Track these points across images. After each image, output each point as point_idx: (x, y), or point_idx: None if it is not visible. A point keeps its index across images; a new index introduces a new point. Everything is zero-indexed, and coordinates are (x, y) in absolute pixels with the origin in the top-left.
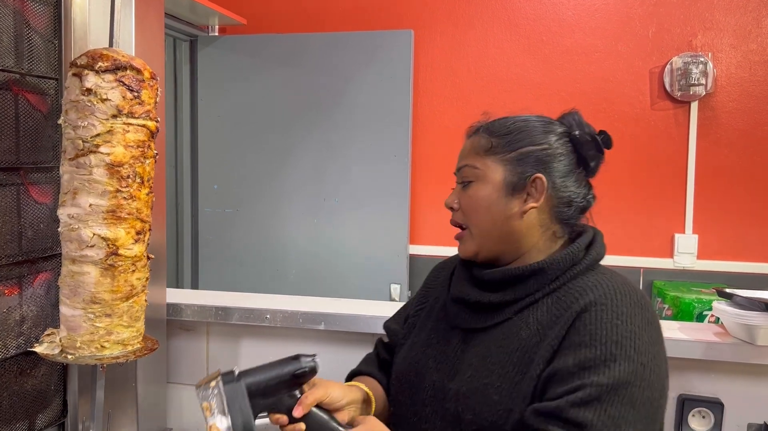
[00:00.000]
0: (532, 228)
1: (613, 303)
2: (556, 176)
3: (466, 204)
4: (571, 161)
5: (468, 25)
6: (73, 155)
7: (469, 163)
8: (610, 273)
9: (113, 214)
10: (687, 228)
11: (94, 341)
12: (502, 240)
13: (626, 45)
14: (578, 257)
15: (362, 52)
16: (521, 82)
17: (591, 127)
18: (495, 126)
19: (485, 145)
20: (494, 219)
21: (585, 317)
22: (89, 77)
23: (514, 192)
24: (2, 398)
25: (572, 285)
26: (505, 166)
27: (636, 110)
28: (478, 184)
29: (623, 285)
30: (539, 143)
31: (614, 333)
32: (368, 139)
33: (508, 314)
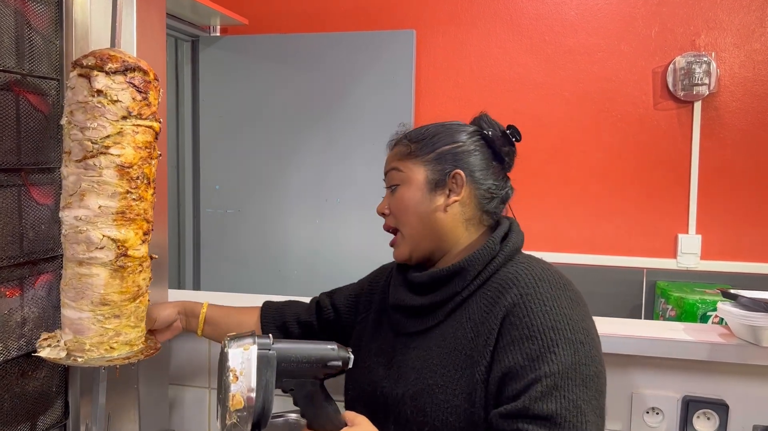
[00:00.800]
0: (457, 221)
1: (537, 292)
2: (474, 170)
3: (395, 207)
4: (486, 156)
5: (470, 24)
6: (80, 157)
7: (395, 166)
8: (527, 261)
9: (123, 215)
10: (690, 229)
11: (104, 343)
12: (430, 237)
13: (629, 45)
14: (495, 250)
15: (364, 52)
16: (523, 82)
17: (499, 124)
18: (413, 133)
19: (406, 150)
20: (421, 216)
21: (516, 311)
22: (99, 78)
23: (437, 188)
24: (4, 400)
25: (495, 279)
26: (426, 166)
27: (639, 110)
28: (404, 187)
29: (542, 272)
30: (454, 142)
31: (548, 320)
32: (370, 139)
33: (441, 316)
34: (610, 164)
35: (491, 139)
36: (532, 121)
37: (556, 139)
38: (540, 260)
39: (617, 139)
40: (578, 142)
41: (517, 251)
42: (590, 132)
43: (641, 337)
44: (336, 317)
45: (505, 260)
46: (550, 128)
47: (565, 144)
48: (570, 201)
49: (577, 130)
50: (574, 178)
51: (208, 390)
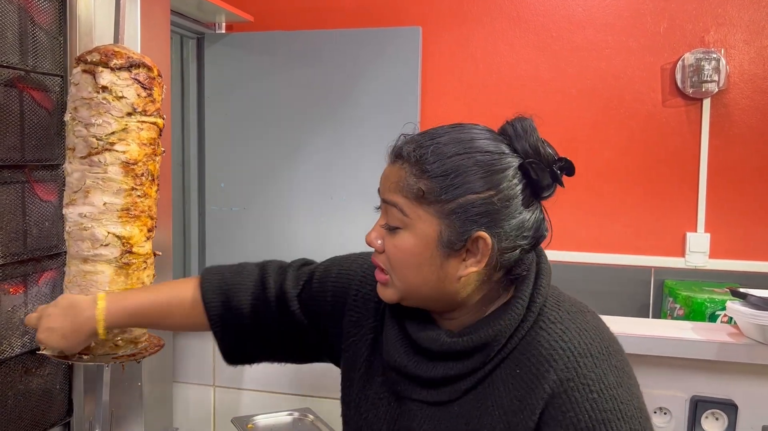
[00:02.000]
0: (468, 287)
1: (579, 374)
2: (503, 225)
3: (391, 253)
4: (524, 199)
5: (476, 21)
6: (85, 153)
7: (397, 203)
8: (561, 320)
9: (128, 212)
10: (699, 227)
11: (109, 341)
12: (431, 298)
13: (637, 41)
14: (521, 315)
15: (370, 49)
16: (530, 79)
17: (549, 149)
18: (426, 160)
19: (415, 190)
20: (425, 279)
21: (557, 404)
22: (104, 74)
23: (451, 252)
24: (8, 397)
25: (524, 351)
26: (440, 220)
27: (647, 107)
28: (407, 234)
29: (580, 338)
30: (483, 190)
31: (596, 412)
32: (376, 136)
33: (457, 392)
34: (618, 162)
35: (536, 177)
36: (538, 118)
37: (562, 136)
38: (572, 309)
39: (625, 137)
40: (585, 139)
41: (544, 307)
42: (597, 129)
43: (649, 336)
44: (310, 327)
45: (536, 320)
46: (557, 125)
47: (572, 141)
48: (577, 199)
49: (584, 128)
50: (580, 176)
51: (212, 387)
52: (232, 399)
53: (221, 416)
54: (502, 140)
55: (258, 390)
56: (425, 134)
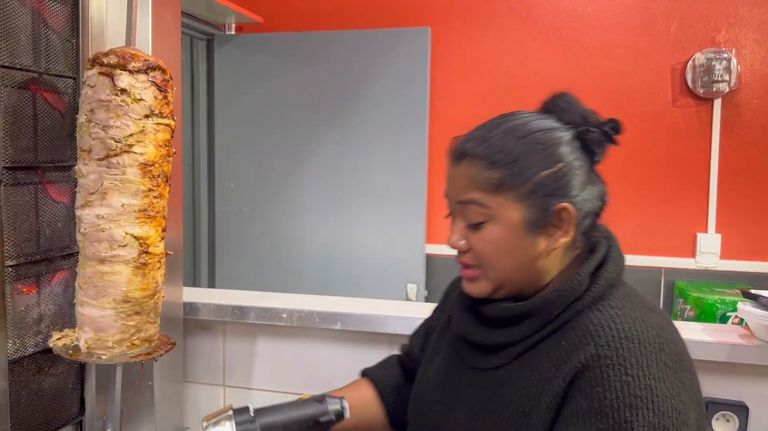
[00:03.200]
0: (558, 258)
1: (619, 354)
2: (575, 194)
3: (480, 248)
4: (587, 166)
5: (485, 21)
6: (102, 155)
7: (475, 199)
8: (621, 305)
9: (145, 212)
10: (710, 228)
11: (126, 339)
12: (525, 278)
13: (647, 41)
14: (580, 290)
15: (379, 49)
16: (539, 79)
17: (594, 114)
18: (493, 151)
19: (492, 181)
20: (518, 263)
21: (588, 376)
22: (123, 77)
23: (538, 229)
24: (20, 396)
25: (574, 326)
26: (521, 203)
27: (657, 107)
28: (493, 226)
29: (634, 324)
30: (553, 164)
31: (626, 394)
32: (385, 137)
33: (507, 358)
34: (628, 162)
35: (593, 142)
36: None
37: None
38: (641, 304)
39: (635, 137)
40: None
41: (612, 286)
42: None
43: None
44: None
45: (593, 300)
46: None
47: None
48: None
49: None
50: None
51: (222, 387)
52: (242, 399)
53: None
54: (550, 116)
55: (268, 390)
56: (480, 129)
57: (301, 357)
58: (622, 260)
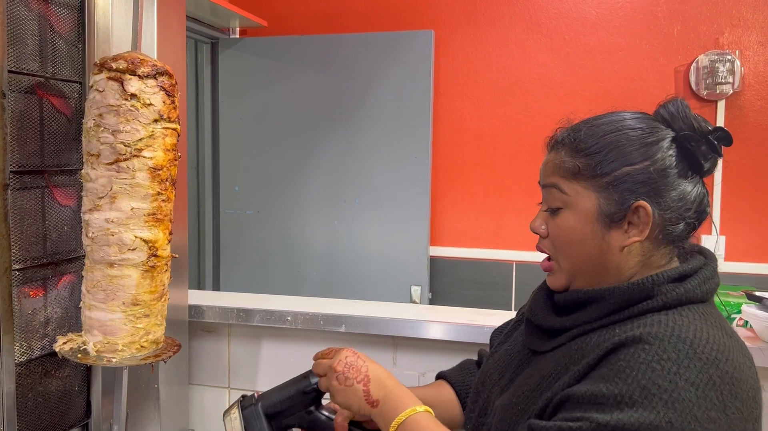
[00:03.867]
0: (632, 260)
1: (661, 346)
2: (663, 194)
3: (555, 234)
4: (682, 170)
5: (489, 24)
6: (112, 160)
7: (557, 183)
8: (692, 319)
9: (153, 216)
10: (714, 230)
11: (135, 342)
12: (597, 274)
13: (651, 43)
14: (651, 290)
15: (383, 52)
16: (543, 82)
17: (704, 122)
18: (581, 140)
19: (571, 167)
20: (588, 254)
21: (622, 351)
22: (132, 82)
23: (612, 223)
24: (27, 399)
25: (635, 321)
26: (598, 193)
27: None
28: (568, 213)
29: (696, 332)
30: (638, 161)
31: (645, 377)
32: (389, 140)
33: (563, 340)
34: None
35: (692, 148)
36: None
37: None
38: (717, 325)
39: None
40: None
41: (691, 301)
42: None
43: None
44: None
45: (665, 306)
46: None
47: None
48: None
49: None
50: None
51: (227, 389)
52: None
53: None
54: (655, 119)
55: None
56: (581, 122)
57: (306, 359)
58: (713, 279)
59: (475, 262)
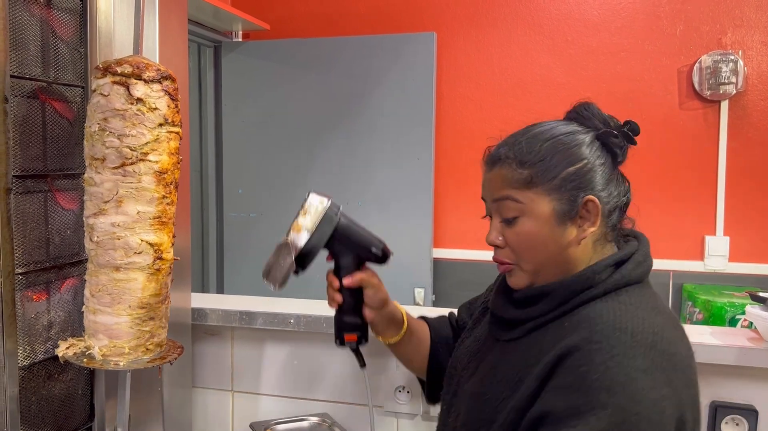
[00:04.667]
0: (588, 248)
1: (608, 343)
2: (600, 188)
3: (514, 242)
4: (608, 165)
5: (491, 26)
6: (118, 164)
7: (510, 195)
8: (629, 302)
9: (159, 219)
10: (718, 230)
11: (141, 345)
12: (559, 268)
13: (653, 44)
14: (592, 279)
15: (385, 55)
16: (545, 83)
17: (614, 119)
18: (524, 152)
19: (519, 176)
20: (550, 253)
21: (576, 356)
22: (138, 86)
23: (567, 220)
24: (30, 403)
25: (581, 311)
26: (550, 196)
27: (664, 110)
28: (526, 220)
29: (632, 320)
30: (577, 161)
31: (606, 378)
32: (391, 142)
33: (522, 332)
34: (635, 165)
35: (612, 143)
36: None
37: None
38: (652, 305)
39: (642, 140)
40: None
41: (630, 284)
42: None
43: None
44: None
45: (605, 291)
46: None
47: None
48: None
49: None
50: None
51: (231, 393)
52: (250, 405)
53: (239, 421)
54: (573, 123)
55: (276, 395)
56: (510, 137)
57: (309, 362)
58: (646, 262)
59: (478, 264)
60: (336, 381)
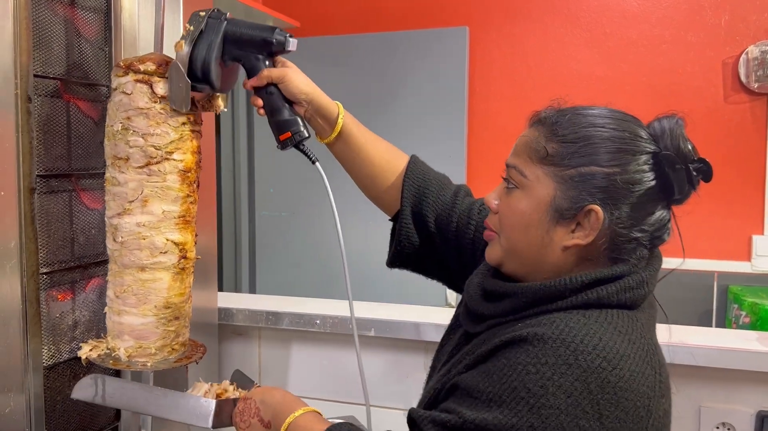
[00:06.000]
0: (570, 261)
1: (543, 348)
2: (622, 209)
3: (504, 211)
4: (650, 189)
5: (525, 19)
6: (143, 163)
7: (518, 165)
8: (593, 322)
9: (183, 218)
10: (766, 229)
11: (167, 345)
12: (531, 265)
13: (697, 35)
14: (564, 292)
15: (416, 51)
16: (583, 78)
17: (690, 149)
18: (562, 125)
19: (540, 150)
20: (529, 242)
21: (508, 349)
22: (162, 85)
23: (561, 219)
24: (56, 402)
25: (540, 318)
26: (557, 184)
27: (708, 104)
28: (521, 194)
29: (584, 338)
30: (607, 164)
31: (518, 379)
32: (422, 140)
33: (484, 327)
34: None
35: (670, 169)
36: None
37: None
38: (621, 330)
39: None
40: None
41: (605, 306)
42: None
43: (711, 347)
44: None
45: (572, 307)
46: None
47: None
48: None
49: None
50: None
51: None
52: None
53: None
54: (647, 129)
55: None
56: (572, 107)
57: (335, 363)
58: (640, 289)
59: None
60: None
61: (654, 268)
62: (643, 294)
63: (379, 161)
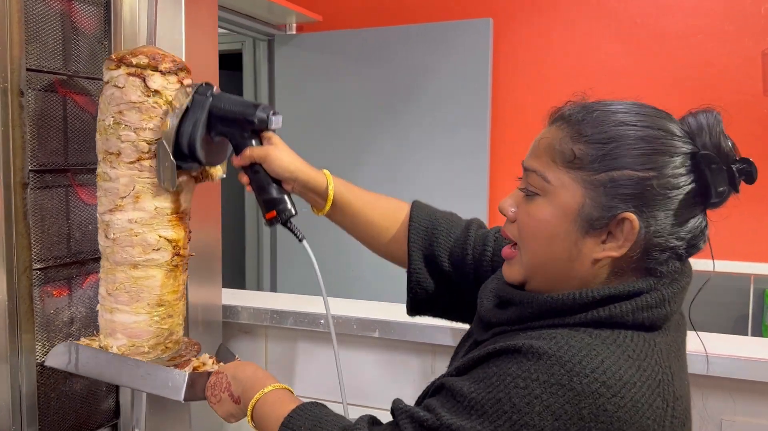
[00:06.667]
0: (600, 275)
1: (537, 364)
2: (657, 215)
3: (523, 221)
4: (689, 193)
5: (552, 10)
6: (134, 158)
7: (540, 168)
8: (601, 340)
9: (176, 215)
10: None
11: (160, 344)
12: (557, 281)
13: (734, 24)
14: (575, 304)
15: (438, 44)
16: (612, 71)
17: (731, 146)
18: (587, 124)
19: (566, 152)
20: (554, 255)
21: (500, 358)
22: (155, 78)
23: (591, 229)
24: (50, 399)
25: (542, 332)
26: (586, 190)
27: (746, 97)
28: (544, 202)
29: (584, 358)
30: (643, 168)
31: (504, 391)
32: (444, 135)
33: (488, 336)
34: None
35: (708, 171)
36: None
37: None
38: (630, 353)
39: None
40: None
41: (618, 326)
42: None
43: (747, 358)
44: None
45: (581, 323)
46: None
47: None
48: None
49: None
50: None
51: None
52: None
53: None
54: (681, 126)
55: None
56: (597, 102)
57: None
58: (661, 308)
59: None
60: (367, 385)
61: (680, 285)
62: (664, 314)
63: (379, 220)
